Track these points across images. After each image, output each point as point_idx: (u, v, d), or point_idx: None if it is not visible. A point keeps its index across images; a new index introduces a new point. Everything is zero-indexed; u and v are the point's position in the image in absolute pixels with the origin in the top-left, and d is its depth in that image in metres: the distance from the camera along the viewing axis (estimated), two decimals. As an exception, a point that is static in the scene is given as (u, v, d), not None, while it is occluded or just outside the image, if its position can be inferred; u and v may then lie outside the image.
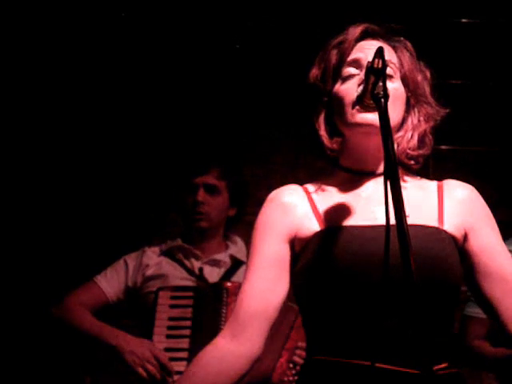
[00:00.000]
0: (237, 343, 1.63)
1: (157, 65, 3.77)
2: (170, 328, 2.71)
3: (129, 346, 2.64)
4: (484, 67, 3.89)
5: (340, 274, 1.54)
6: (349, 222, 1.62)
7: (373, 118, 1.57)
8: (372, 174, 1.69)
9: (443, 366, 1.53)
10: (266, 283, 1.65)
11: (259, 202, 1.75)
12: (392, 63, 1.68)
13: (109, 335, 2.68)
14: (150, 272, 2.88)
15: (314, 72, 1.74)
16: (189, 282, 2.86)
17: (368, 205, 1.65)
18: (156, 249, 2.97)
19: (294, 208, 1.68)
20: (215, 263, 2.95)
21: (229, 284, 2.74)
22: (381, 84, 1.44)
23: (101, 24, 3.72)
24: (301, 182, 1.77)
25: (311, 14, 3.76)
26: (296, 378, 2.58)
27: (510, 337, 1.63)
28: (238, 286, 2.65)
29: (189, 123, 3.77)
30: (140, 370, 2.60)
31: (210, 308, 2.69)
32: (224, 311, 2.65)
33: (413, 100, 1.71)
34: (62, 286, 3.00)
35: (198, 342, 2.60)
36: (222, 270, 2.94)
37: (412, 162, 1.72)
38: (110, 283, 2.88)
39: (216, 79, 3.79)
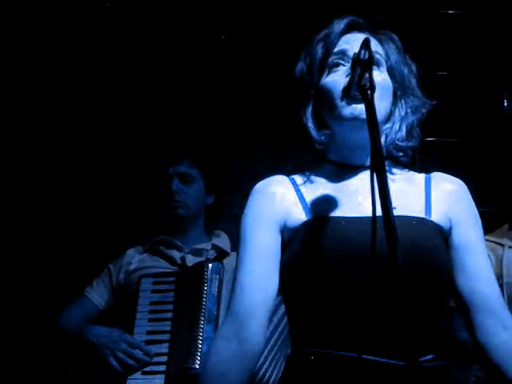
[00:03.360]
0: (239, 342, 1.61)
1: (137, 56, 3.75)
2: (151, 312, 2.70)
3: (99, 338, 2.65)
4: (471, 59, 3.89)
5: (326, 265, 1.54)
6: (336, 212, 1.62)
7: (360, 111, 1.57)
8: (360, 167, 1.70)
9: (429, 357, 1.54)
10: (262, 274, 1.64)
11: (246, 195, 1.74)
12: (379, 54, 1.68)
13: (82, 334, 2.70)
14: (132, 267, 2.91)
15: (301, 66, 1.75)
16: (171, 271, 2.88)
17: (355, 197, 1.65)
18: (139, 248, 3.02)
19: (282, 198, 1.69)
20: (198, 252, 2.96)
21: (210, 263, 2.74)
22: (367, 75, 1.44)
23: (86, 18, 3.70)
24: (288, 175, 1.77)
25: (298, 8, 3.75)
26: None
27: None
28: (220, 266, 2.69)
29: (174, 116, 3.75)
30: (112, 360, 2.59)
31: (192, 287, 2.68)
32: (205, 288, 2.65)
33: (400, 92, 1.72)
34: (48, 284, 3.01)
35: (180, 322, 2.61)
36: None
37: (400, 154, 1.73)
38: (98, 293, 2.93)
39: (203, 72, 3.78)
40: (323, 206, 1.65)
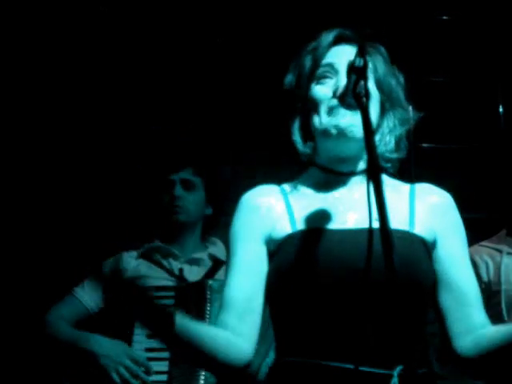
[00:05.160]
0: (238, 339, 1.62)
1: (133, 62, 3.75)
2: None
3: (103, 349, 2.63)
4: (466, 64, 3.89)
5: (310, 277, 1.54)
6: (322, 224, 1.63)
7: (345, 126, 1.60)
8: (348, 174, 1.70)
9: (414, 366, 1.51)
10: (248, 288, 1.64)
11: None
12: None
13: (82, 340, 2.67)
14: (127, 275, 2.88)
15: (289, 77, 1.77)
16: (169, 282, 2.86)
17: (342, 208, 1.66)
18: (133, 253, 2.98)
19: (269, 209, 1.69)
20: (195, 262, 2.96)
21: (211, 281, 2.73)
22: (362, 83, 1.44)
23: (82, 21, 3.70)
24: (282, 181, 1.78)
25: (289, 18, 3.75)
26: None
27: (452, 350, 1.64)
28: (222, 284, 2.67)
29: (167, 122, 3.75)
30: (114, 375, 2.57)
31: (193, 306, 2.68)
32: (208, 309, 2.64)
33: (388, 104, 1.73)
34: (37, 283, 2.99)
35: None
36: (203, 269, 2.93)
37: (389, 165, 1.74)
38: (89, 294, 2.89)
39: (196, 78, 3.78)
40: (310, 216, 1.65)
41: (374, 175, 1.33)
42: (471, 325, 1.63)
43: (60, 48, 3.69)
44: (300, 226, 1.64)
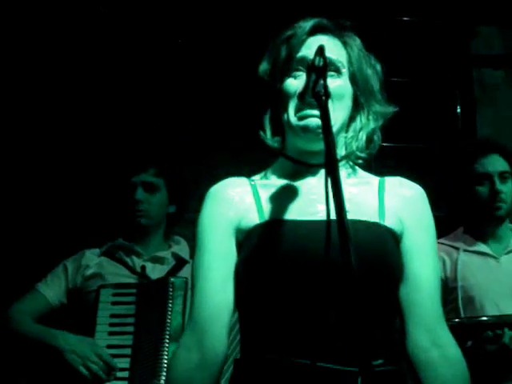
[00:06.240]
0: (201, 351, 1.58)
1: (96, 63, 3.73)
2: (112, 325, 2.68)
3: (69, 345, 2.61)
4: (425, 65, 3.94)
5: (277, 269, 1.52)
6: (290, 215, 1.61)
7: (315, 125, 1.58)
8: (318, 165, 1.67)
9: (379, 362, 1.51)
10: (220, 280, 1.61)
11: (202, 200, 1.72)
12: (340, 61, 1.67)
13: (48, 336, 2.66)
14: (89, 272, 2.87)
15: (264, 66, 1.73)
16: (130, 279, 2.85)
17: (310, 199, 1.64)
18: (96, 250, 2.97)
19: (237, 200, 1.66)
20: (158, 260, 2.95)
21: (174, 279, 2.73)
22: (322, 82, 1.44)
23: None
24: (247, 176, 1.74)
25: (256, 14, 3.77)
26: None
27: (404, 344, 1.62)
28: (185, 281, 2.68)
29: (127, 123, 3.74)
30: (82, 368, 2.57)
31: (156, 303, 2.67)
32: (170, 306, 2.64)
33: (362, 98, 1.70)
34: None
35: (143, 338, 2.60)
36: (166, 268, 2.93)
37: (359, 161, 1.72)
38: (52, 289, 2.87)
39: (158, 77, 3.77)
40: (278, 207, 1.63)
41: (331, 170, 1.34)
42: (426, 320, 1.62)
43: (60, 48, 3.69)
44: (268, 216, 1.61)
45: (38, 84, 3.67)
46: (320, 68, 1.44)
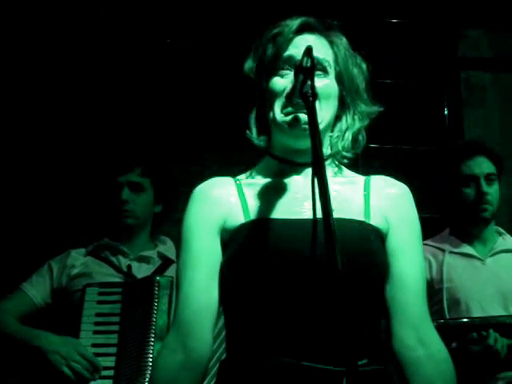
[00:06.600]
0: (185, 352, 1.57)
1: (95, 62, 3.73)
2: (97, 324, 2.67)
3: (52, 345, 2.60)
4: (412, 67, 3.95)
5: (263, 268, 1.51)
6: (276, 214, 1.60)
7: (302, 123, 1.57)
8: (304, 164, 1.67)
9: (364, 362, 1.50)
10: (205, 280, 1.60)
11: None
12: (327, 60, 1.67)
13: (31, 337, 2.64)
14: (75, 271, 2.86)
15: (249, 64, 1.73)
16: (116, 278, 2.85)
17: (295, 197, 1.64)
18: (82, 250, 2.96)
19: (222, 200, 1.66)
20: (143, 260, 2.95)
21: (159, 277, 2.72)
22: (309, 83, 1.44)
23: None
24: (234, 176, 1.74)
25: (242, 17, 3.77)
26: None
27: (389, 342, 1.62)
28: (170, 280, 2.67)
29: (115, 123, 3.73)
30: (65, 369, 2.56)
31: (141, 302, 2.66)
32: (156, 305, 2.63)
33: (348, 99, 1.70)
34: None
35: (128, 337, 2.59)
36: (151, 267, 2.92)
37: (345, 161, 1.72)
38: (37, 289, 2.86)
39: (147, 76, 3.77)
40: (264, 206, 1.62)
41: (317, 169, 1.34)
42: (412, 319, 1.61)
43: (60, 48, 3.69)
44: (253, 215, 1.61)
45: (38, 84, 3.66)
46: (308, 69, 1.45)
